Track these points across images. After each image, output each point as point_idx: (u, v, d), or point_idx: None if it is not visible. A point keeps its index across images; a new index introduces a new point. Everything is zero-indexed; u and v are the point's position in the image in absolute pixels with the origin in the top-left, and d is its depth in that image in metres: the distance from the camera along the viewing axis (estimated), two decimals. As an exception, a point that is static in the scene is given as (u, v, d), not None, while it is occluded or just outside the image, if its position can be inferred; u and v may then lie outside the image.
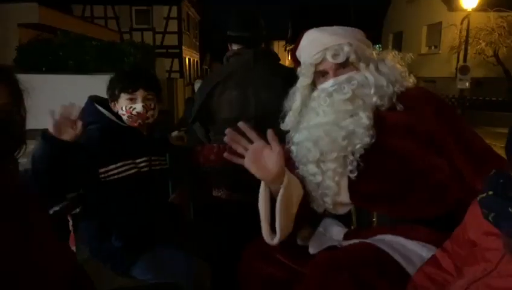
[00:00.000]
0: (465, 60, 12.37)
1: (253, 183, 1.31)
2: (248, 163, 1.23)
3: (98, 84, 1.98)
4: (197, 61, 25.69)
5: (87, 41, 8.19)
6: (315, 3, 26.54)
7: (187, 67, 21.29)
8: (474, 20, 12.40)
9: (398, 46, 18.83)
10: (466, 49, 12.26)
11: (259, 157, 1.23)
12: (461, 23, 12.87)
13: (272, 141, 1.21)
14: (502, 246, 0.93)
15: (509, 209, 0.91)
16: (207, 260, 1.57)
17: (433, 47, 15.90)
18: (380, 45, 24.39)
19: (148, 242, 1.52)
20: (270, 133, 1.21)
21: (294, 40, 1.56)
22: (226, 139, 1.23)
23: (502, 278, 0.92)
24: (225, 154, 1.22)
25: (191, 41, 23.91)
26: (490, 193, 0.98)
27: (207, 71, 16.05)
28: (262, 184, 1.27)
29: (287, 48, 29.39)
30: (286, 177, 1.25)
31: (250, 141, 1.24)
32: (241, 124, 1.23)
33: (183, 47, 20.23)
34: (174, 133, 2.05)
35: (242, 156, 1.23)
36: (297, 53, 1.46)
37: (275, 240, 1.27)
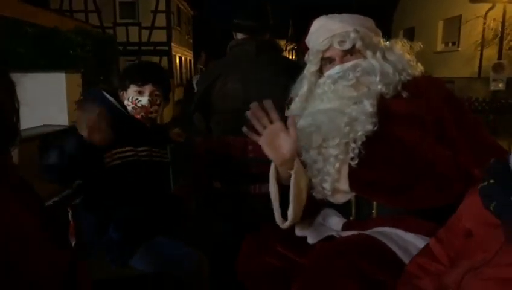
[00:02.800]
0: (500, 56, 11.05)
1: (248, 176, 1.62)
2: (263, 141, 1.29)
3: (34, 86, 1.88)
4: (190, 60, 24.31)
5: (20, 27, 6.64)
6: (316, 2, 26.31)
7: (177, 67, 20.01)
8: (500, 13, 10.96)
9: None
10: (501, 43, 11.11)
11: (275, 139, 1.29)
12: (484, 17, 11.13)
13: (290, 126, 1.28)
14: (501, 236, 0.96)
15: (511, 198, 0.94)
16: (206, 251, 1.61)
17: (450, 44, 14.93)
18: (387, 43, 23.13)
19: (146, 234, 1.58)
20: (291, 118, 1.29)
21: (294, 39, 2.47)
22: (248, 113, 1.29)
23: (500, 267, 0.95)
24: (243, 129, 1.28)
25: (183, 38, 22.84)
26: (491, 181, 1.00)
27: (201, 71, 14.81)
28: (272, 166, 1.35)
29: (288, 47, 29.08)
30: (297, 162, 1.31)
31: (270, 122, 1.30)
32: (266, 102, 1.28)
33: (172, 44, 19.54)
34: (175, 130, 2.06)
35: (259, 134, 1.30)
36: (307, 39, 1.52)
37: (287, 224, 1.35)
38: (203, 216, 1.85)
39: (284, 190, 1.36)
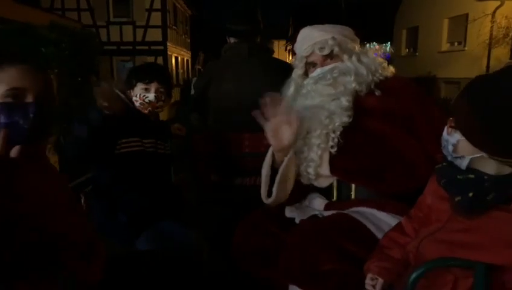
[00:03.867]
0: (512, 56, 11.12)
1: (243, 169, 1.95)
2: (268, 127, 1.59)
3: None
4: (187, 60, 24.46)
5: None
6: (317, 1, 27.11)
7: (173, 67, 20.06)
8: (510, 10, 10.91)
9: (412, 43, 17.96)
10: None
11: (279, 128, 1.58)
12: (492, 15, 11.25)
13: (293, 121, 1.56)
14: (449, 207, 1.24)
15: (458, 177, 1.21)
16: (206, 235, 1.87)
17: (456, 43, 14.98)
18: (388, 44, 23.07)
19: (150, 218, 1.83)
20: (295, 116, 1.57)
21: (294, 39, 1.93)
22: (263, 101, 1.56)
23: (449, 233, 1.23)
24: (253, 113, 1.56)
25: (180, 38, 23.02)
26: (444, 163, 1.28)
27: (200, 72, 14.83)
28: (270, 150, 1.66)
29: (288, 47, 29.29)
30: (292, 151, 1.63)
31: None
32: (276, 97, 1.57)
33: (168, 43, 19.69)
34: (176, 125, 2.33)
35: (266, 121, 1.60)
36: (295, 47, 1.86)
37: (270, 200, 1.65)
38: (202, 204, 2.11)
39: (275, 173, 1.66)
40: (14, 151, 0.97)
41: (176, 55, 21.73)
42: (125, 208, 1.82)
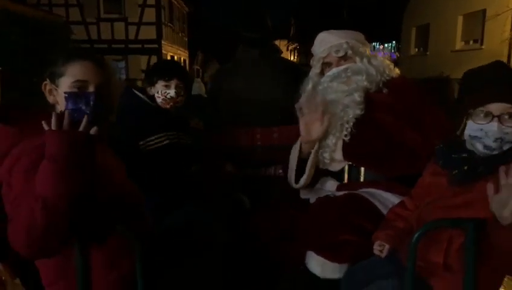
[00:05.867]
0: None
1: (255, 160, 2.50)
2: (302, 121, 2.09)
3: None
4: (184, 59, 24.99)
5: None
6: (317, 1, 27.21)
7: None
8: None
9: (423, 42, 18.18)
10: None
11: (311, 123, 2.06)
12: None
13: (325, 120, 2.05)
14: (446, 181, 1.64)
15: (452, 156, 1.62)
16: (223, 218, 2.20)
17: (471, 41, 15.22)
18: (393, 43, 23.21)
19: (178, 200, 2.19)
20: (327, 116, 2.04)
21: (296, 38, 4.39)
22: (302, 100, 2.15)
23: (445, 199, 1.61)
24: (296, 105, 2.13)
25: (176, 36, 23.48)
26: (441, 145, 1.69)
27: (198, 72, 15.18)
28: (298, 141, 2.16)
29: (289, 47, 30.00)
30: (317, 144, 2.12)
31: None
32: (321, 99, 2.07)
33: (163, 41, 20.06)
34: (194, 120, 2.74)
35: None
36: (312, 49, 2.29)
37: (300, 185, 2.14)
38: (220, 191, 2.47)
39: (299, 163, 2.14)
40: (93, 130, 1.36)
41: (171, 54, 22.07)
42: (159, 190, 2.18)
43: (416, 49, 18.82)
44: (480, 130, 1.53)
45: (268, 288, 1.93)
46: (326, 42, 2.19)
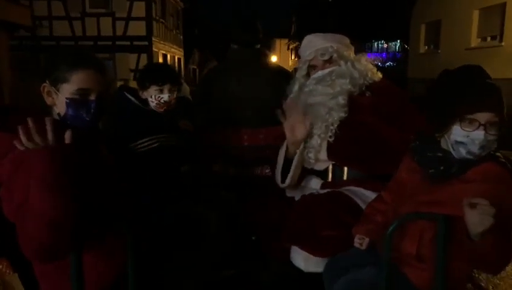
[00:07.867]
0: None
1: (243, 160, 2.83)
2: (287, 124, 2.40)
3: None
4: (179, 58, 25.12)
5: None
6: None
7: (161, 66, 20.41)
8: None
9: (434, 39, 18.11)
10: None
11: (295, 126, 2.38)
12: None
13: (306, 121, 2.37)
14: (419, 177, 1.92)
15: (428, 154, 1.90)
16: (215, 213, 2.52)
17: (489, 38, 15.14)
18: (398, 41, 23.30)
19: (169, 199, 2.48)
20: (308, 117, 2.38)
21: (297, 37, 4.95)
22: (285, 104, 2.43)
23: (418, 195, 1.89)
24: (276, 111, 2.40)
25: (170, 33, 23.58)
26: (417, 142, 1.99)
27: (195, 72, 15.40)
28: (285, 143, 2.46)
29: (290, 46, 30.34)
30: (302, 145, 2.43)
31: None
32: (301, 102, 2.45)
33: (153, 38, 20.04)
34: (184, 121, 3.01)
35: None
36: (299, 52, 2.63)
37: (285, 184, 2.45)
38: (209, 189, 2.77)
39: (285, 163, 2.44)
40: (67, 138, 1.56)
41: (164, 52, 22.15)
42: (148, 192, 2.44)
43: (426, 47, 18.95)
44: (467, 137, 1.72)
45: (255, 281, 2.27)
46: (312, 45, 2.51)
